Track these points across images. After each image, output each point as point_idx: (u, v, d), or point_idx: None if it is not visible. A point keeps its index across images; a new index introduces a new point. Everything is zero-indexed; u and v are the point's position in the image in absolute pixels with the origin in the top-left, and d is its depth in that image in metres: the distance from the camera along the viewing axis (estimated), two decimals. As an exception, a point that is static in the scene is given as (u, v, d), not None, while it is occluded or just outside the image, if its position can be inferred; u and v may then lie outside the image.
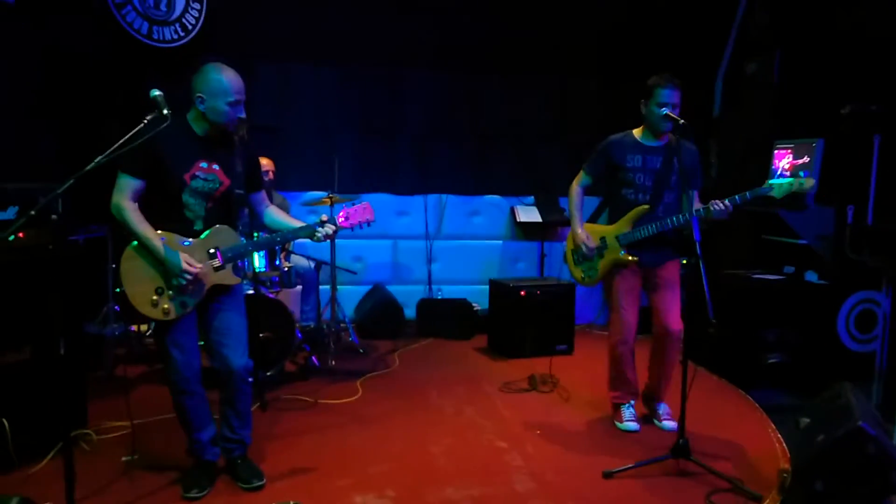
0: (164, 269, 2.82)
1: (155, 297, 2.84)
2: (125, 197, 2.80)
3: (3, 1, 4.12)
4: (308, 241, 3.09)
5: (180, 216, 2.91)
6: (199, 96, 2.84)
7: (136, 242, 2.82)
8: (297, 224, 3.13)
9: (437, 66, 6.27)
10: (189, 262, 2.83)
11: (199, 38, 5.41)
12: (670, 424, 3.80)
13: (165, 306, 2.85)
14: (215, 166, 2.94)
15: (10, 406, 3.09)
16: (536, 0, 6.07)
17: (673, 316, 3.70)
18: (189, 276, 2.83)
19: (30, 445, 3.18)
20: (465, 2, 5.99)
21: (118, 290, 2.82)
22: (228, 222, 3.04)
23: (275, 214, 3.23)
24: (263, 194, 3.24)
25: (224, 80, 2.84)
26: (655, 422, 3.92)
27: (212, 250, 2.95)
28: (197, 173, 2.90)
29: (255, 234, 4.09)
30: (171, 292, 2.85)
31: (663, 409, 3.93)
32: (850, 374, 3.80)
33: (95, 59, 5.09)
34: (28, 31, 4.39)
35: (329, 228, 3.05)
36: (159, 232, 2.84)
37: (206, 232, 2.96)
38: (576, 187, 3.89)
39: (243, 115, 2.92)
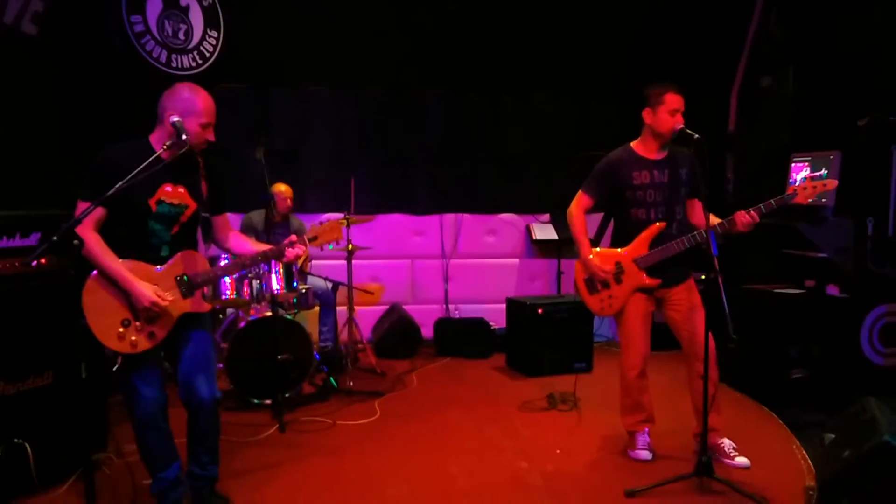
0: (131, 300, 2.68)
1: (122, 330, 2.68)
2: (86, 226, 2.59)
3: (26, 33, 4.22)
4: (323, 261, 3.03)
5: (146, 243, 2.77)
6: (171, 115, 2.72)
7: (96, 272, 2.67)
8: (264, 247, 3.02)
9: (454, 88, 6.33)
10: (158, 293, 2.69)
11: (217, 64, 5.50)
12: (743, 461, 3.47)
13: (133, 338, 2.69)
14: (181, 189, 2.82)
15: (33, 430, 3.11)
16: (552, 21, 6.11)
17: (704, 339, 3.38)
18: (159, 308, 2.69)
19: (51, 469, 3.19)
20: (481, 24, 6.04)
21: (83, 323, 2.63)
22: (194, 247, 2.90)
23: (240, 238, 3.13)
24: (227, 218, 3.12)
25: (198, 100, 2.75)
26: (727, 461, 3.47)
27: (180, 277, 2.81)
28: (162, 198, 2.76)
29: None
30: (139, 324, 2.71)
31: (728, 444, 3.55)
32: (875, 388, 3.74)
33: (115, 87, 5.18)
34: (50, 61, 4.49)
35: (299, 249, 2.96)
36: (125, 261, 2.70)
37: (173, 258, 2.80)
38: (577, 212, 3.64)
39: (212, 139, 2.83)
